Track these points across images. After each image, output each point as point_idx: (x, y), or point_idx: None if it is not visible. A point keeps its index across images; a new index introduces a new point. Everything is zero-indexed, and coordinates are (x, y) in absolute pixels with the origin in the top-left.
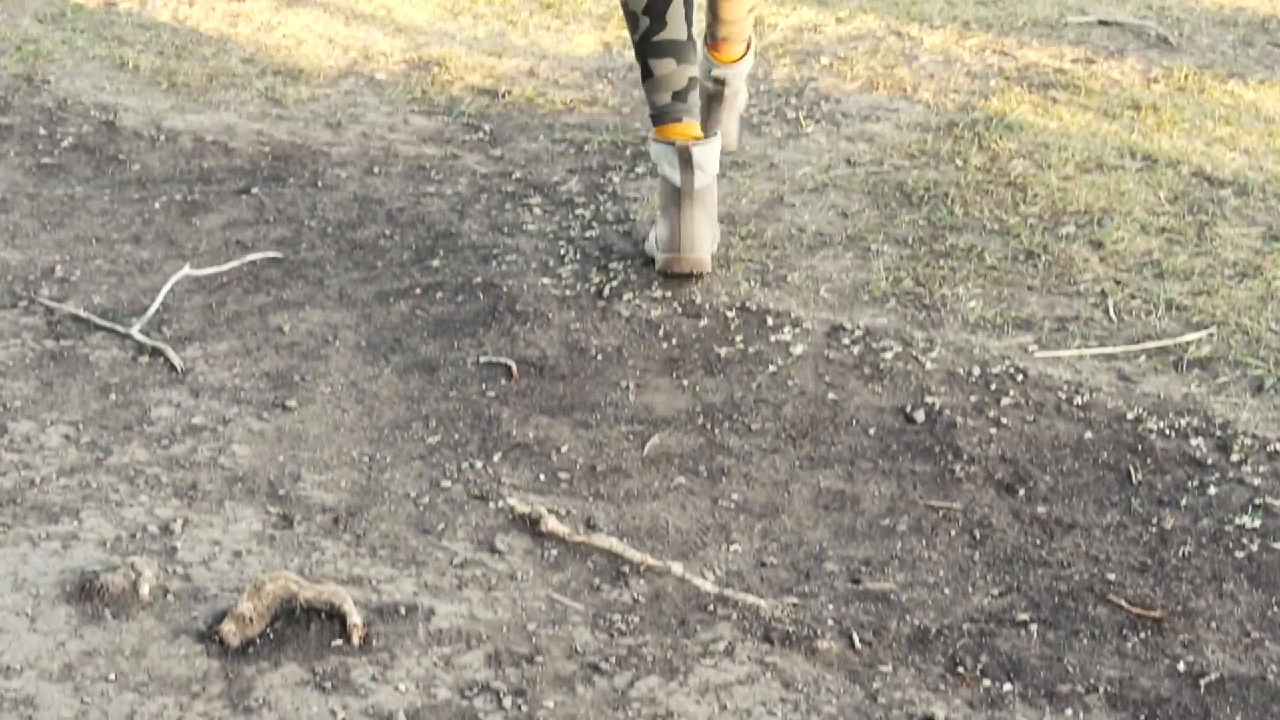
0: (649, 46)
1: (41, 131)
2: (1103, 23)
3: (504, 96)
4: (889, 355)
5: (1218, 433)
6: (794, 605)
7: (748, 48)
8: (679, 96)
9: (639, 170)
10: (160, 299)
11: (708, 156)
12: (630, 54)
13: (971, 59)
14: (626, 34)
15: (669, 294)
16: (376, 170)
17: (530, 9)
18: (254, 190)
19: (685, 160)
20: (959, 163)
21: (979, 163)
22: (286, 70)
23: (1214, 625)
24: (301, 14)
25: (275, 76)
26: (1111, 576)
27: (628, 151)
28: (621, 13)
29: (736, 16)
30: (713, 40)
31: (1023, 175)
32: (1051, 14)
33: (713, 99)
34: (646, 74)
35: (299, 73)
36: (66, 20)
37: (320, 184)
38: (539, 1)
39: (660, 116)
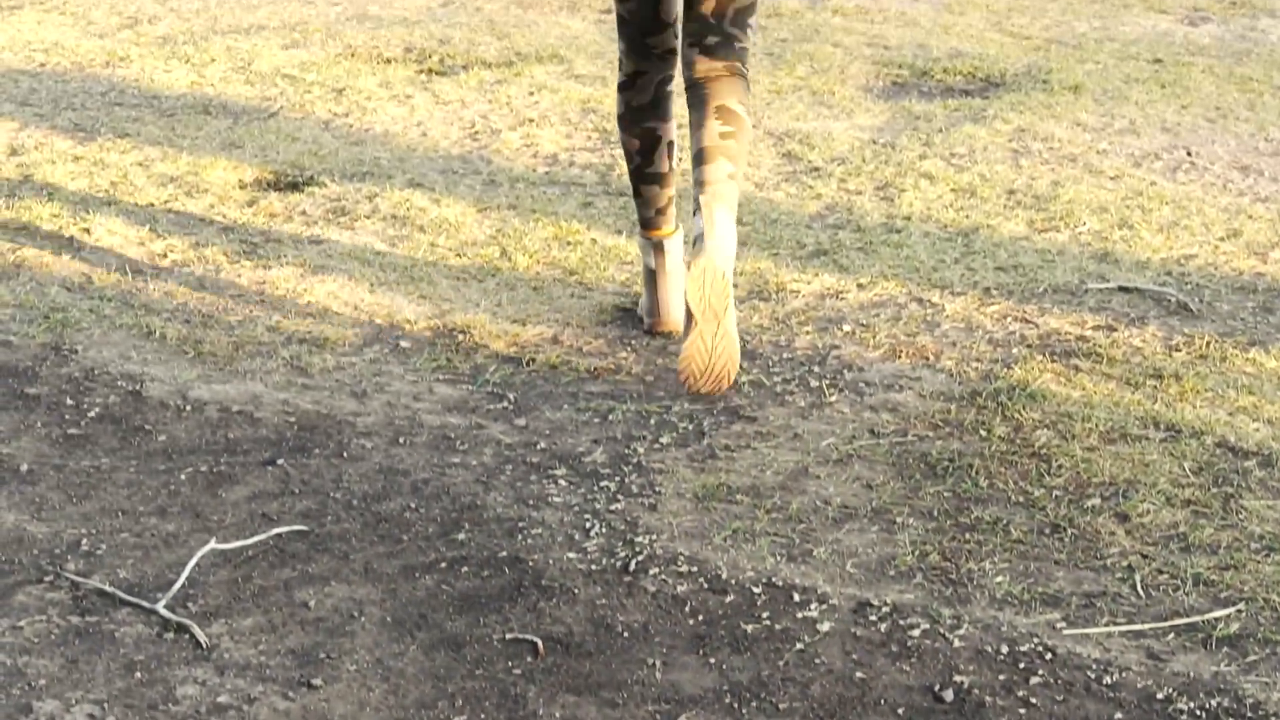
0: (641, 176)
1: (69, 401)
2: (1123, 289)
3: (528, 364)
4: (916, 633)
5: (1249, 714)
6: None
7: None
8: (660, 211)
9: (664, 440)
10: (186, 574)
11: (675, 246)
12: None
13: (993, 326)
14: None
15: (695, 569)
16: (402, 440)
17: (554, 275)
18: (279, 461)
19: (659, 250)
20: (983, 433)
21: (1003, 433)
22: (312, 338)
23: None
24: (327, 281)
25: (301, 345)
26: None
27: (652, 421)
28: (621, 150)
29: (719, 178)
30: (697, 201)
31: (1047, 446)
32: (1072, 280)
33: (699, 238)
34: (637, 194)
35: (324, 341)
36: (94, 288)
37: (345, 455)
38: (563, 268)
39: (646, 224)
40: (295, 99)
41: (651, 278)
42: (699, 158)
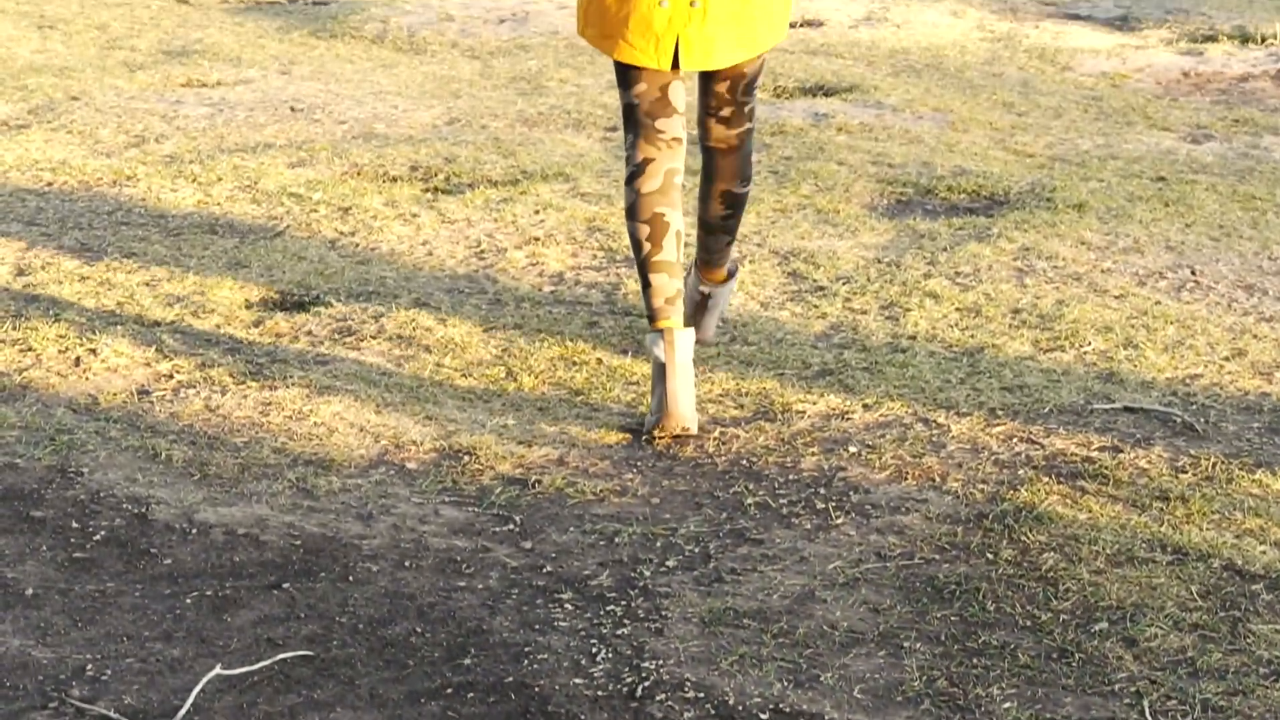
0: (649, 265)
1: (74, 525)
2: (1128, 410)
3: (534, 486)
4: None
5: None
6: None
7: (730, 274)
8: (669, 301)
9: (670, 563)
10: (191, 700)
11: (685, 340)
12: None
13: (999, 447)
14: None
15: (701, 694)
16: (407, 564)
17: (560, 395)
18: (285, 585)
19: (669, 343)
20: (990, 556)
21: (1009, 556)
22: (318, 460)
23: None
24: (333, 402)
25: (307, 466)
26: None
27: (658, 544)
28: (629, 241)
29: (719, 248)
30: (703, 265)
31: (1053, 569)
32: (1077, 400)
33: (698, 306)
34: (646, 284)
35: (330, 463)
36: (100, 409)
37: (351, 578)
38: (569, 388)
39: (654, 316)
40: (301, 218)
41: (660, 371)
42: (704, 226)
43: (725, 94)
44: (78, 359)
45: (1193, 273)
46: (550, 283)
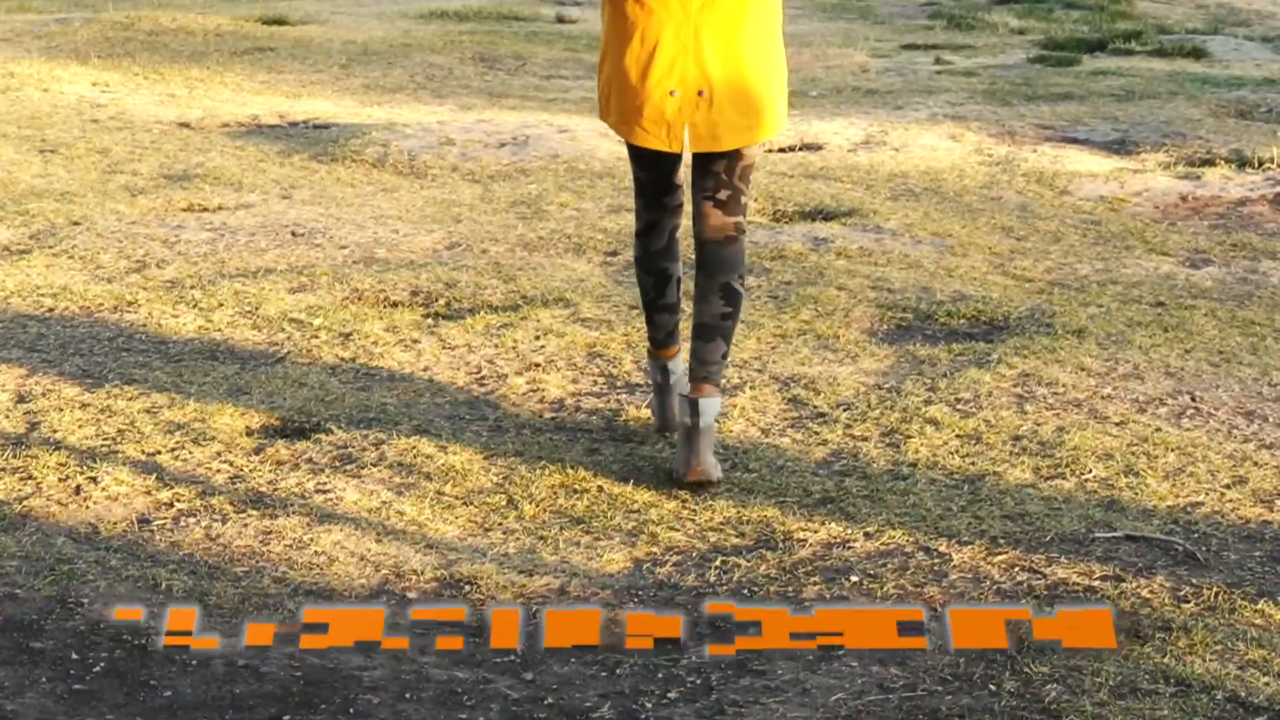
0: (655, 307)
1: (74, 656)
2: (1130, 538)
3: (535, 616)
4: None
5: None
6: None
7: (719, 390)
8: (669, 334)
9: (671, 695)
10: None
11: (677, 365)
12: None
13: (1001, 576)
14: (656, 550)
15: None
16: (408, 695)
17: (561, 523)
18: (286, 717)
19: (664, 370)
20: (992, 688)
21: (1012, 688)
22: (319, 590)
23: None
24: (334, 530)
25: (307, 596)
26: None
27: (660, 675)
28: (639, 293)
29: (715, 358)
30: (699, 380)
31: (1056, 701)
32: (1079, 529)
33: (690, 430)
34: (650, 321)
35: (331, 592)
36: (100, 539)
37: (352, 710)
38: (570, 516)
39: (656, 345)
40: (302, 344)
41: (659, 390)
42: (699, 332)
43: (723, 174)
44: (78, 487)
45: (1193, 399)
46: (551, 409)
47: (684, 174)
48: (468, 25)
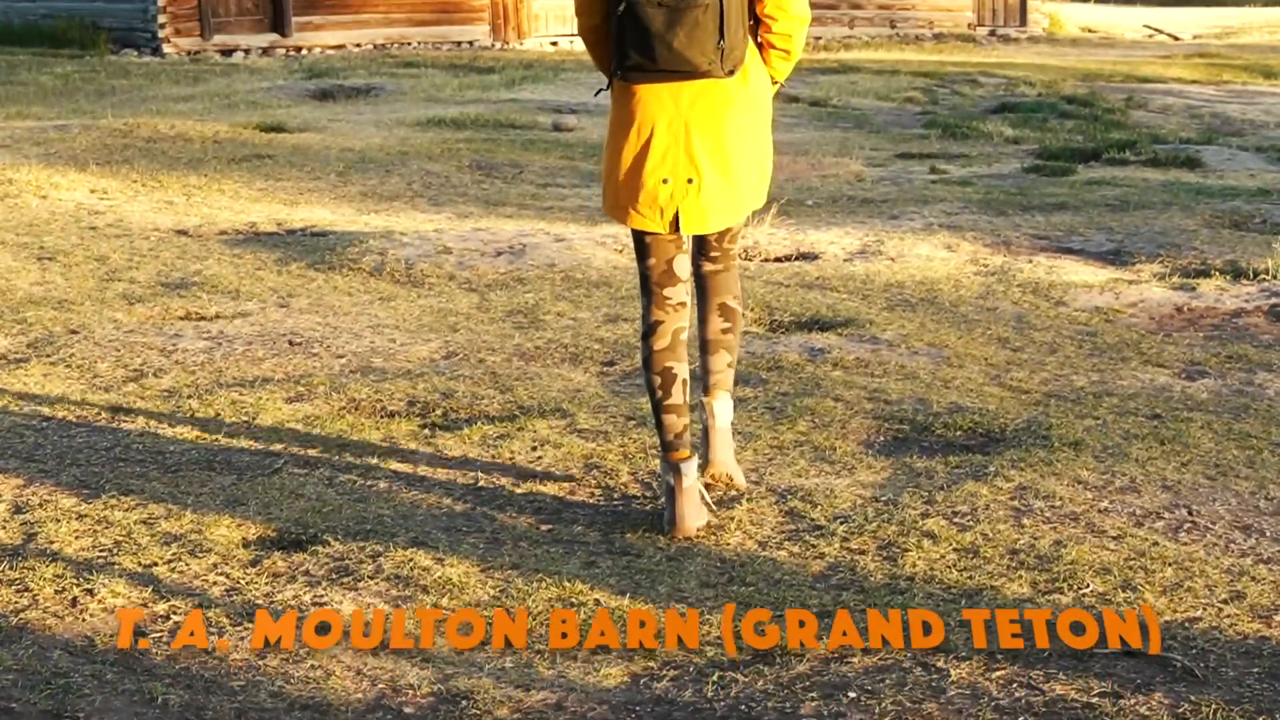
0: (662, 408)
1: None
2: (1128, 654)
3: None
4: None
5: None
6: None
7: (730, 395)
8: (678, 436)
9: None
10: None
11: (690, 468)
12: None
13: (999, 692)
14: (654, 664)
15: None
16: None
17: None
18: None
19: (678, 472)
20: None
21: None
22: (315, 705)
23: None
24: (331, 652)
25: (304, 711)
26: None
27: None
28: (647, 393)
29: (721, 367)
30: (709, 388)
31: None
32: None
33: (708, 431)
34: (659, 424)
35: (328, 707)
36: (96, 652)
37: None
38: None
39: (667, 448)
40: (299, 454)
41: (671, 493)
42: (704, 347)
43: (714, 242)
44: (74, 599)
45: (1190, 513)
46: (547, 521)
47: (687, 272)
48: (465, 133)
